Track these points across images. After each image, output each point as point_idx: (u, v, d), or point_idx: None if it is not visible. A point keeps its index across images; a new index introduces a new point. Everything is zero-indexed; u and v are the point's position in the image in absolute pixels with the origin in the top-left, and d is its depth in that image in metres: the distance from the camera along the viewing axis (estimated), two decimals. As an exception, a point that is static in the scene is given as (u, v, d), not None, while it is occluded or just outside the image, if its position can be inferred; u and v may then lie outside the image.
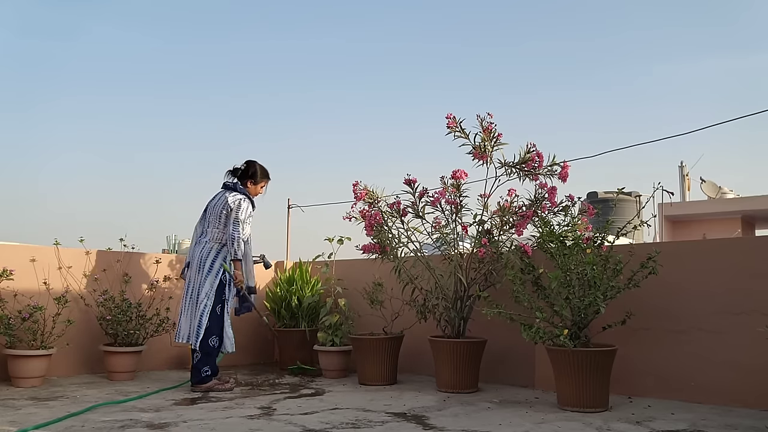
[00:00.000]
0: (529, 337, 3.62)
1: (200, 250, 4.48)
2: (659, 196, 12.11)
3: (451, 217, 4.42)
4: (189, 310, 4.42)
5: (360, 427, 3.13)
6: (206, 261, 4.43)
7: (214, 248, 4.47)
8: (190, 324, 4.39)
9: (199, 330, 4.29)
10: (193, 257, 4.51)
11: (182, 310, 4.46)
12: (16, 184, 26.18)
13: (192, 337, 4.33)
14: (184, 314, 4.43)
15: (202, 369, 4.32)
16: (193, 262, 4.50)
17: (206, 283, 4.39)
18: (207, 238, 4.50)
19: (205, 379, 4.31)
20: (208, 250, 4.47)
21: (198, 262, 4.46)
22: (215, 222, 4.50)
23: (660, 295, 3.90)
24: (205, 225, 4.57)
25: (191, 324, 4.37)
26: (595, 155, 6.57)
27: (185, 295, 4.49)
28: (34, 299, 4.46)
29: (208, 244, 4.48)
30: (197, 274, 4.43)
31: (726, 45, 25.80)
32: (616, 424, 3.21)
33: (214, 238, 4.49)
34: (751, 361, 3.58)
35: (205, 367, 4.33)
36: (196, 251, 4.50)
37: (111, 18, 24.99)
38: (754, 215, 13.76)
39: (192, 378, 4.34)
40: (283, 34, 26.00)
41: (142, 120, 28.25)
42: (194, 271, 4.45)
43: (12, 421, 3.18)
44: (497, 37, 25.81)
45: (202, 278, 4.40)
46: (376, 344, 4.57)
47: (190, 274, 4.50)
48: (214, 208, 4.53)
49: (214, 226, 4.50)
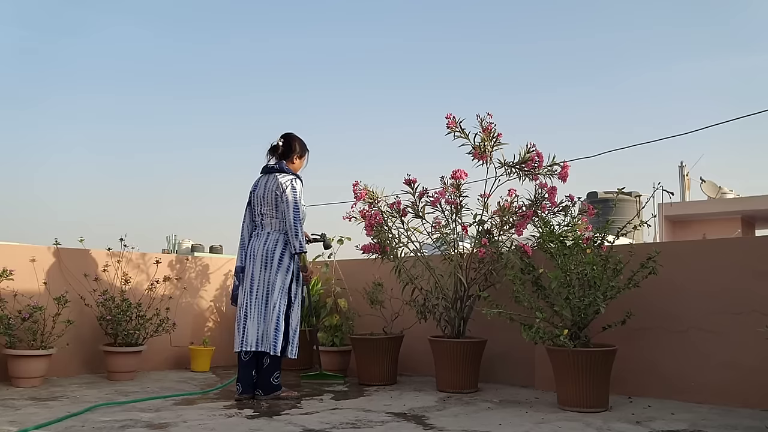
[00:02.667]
0: (529, 337, 3.62)
1: (263, 242, 3.99)
2: (659, 196, 12.12)
3: (451, 217, 4.42)
4: (258, 313, 3.93)
5: (360, 427, 3.13)
6: (274, 254, 3.95)
7: (280, 239, 4.00)
8: (260, 328, 3.91)
9: (277, 335, 3.85)
10: (256, 252, 4.00)
11: (248, 313, 3.95)
12: (15, 184, 26.18)
13: (268, 344, 3.87)
14: (251, 317, 3.92)
15: (273, 376, 3.93)
16: (256, 257, 3.99)
17: (278, 280, 3.93)
18: (267, 230, 4.03)
19: (276, 387, 3.94)
20: (273, 241, 3.98)
21: (263, 256, 3.96)
22: (271, 210, 4.02)
23: (660, 295, 3.90)
24: (259, 215, 4.09)
25: (264, 328, 3.90)
26: (595, 155, 6.58)
27: (250, 295, 3.97)
28: (34, 299, 4.46)
29: (272, 235, 4.00)
30: (264, 270, 3.95)
31: (726, 45, 25.80)
32: (616, 424, 3.21)
33: (276, 228, 4.03)
34: (751, 361, 3.58)
35: (276, 373, 3.94)
36: (257, 245, 4.01)
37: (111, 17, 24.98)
38: (754, 215, 13.76)
39: (263, 388, 3.91)
40: (283, 34, 26.00)
41: (142, 120, 28.25)
42: (259, 267, 3.96)
43: (12, 421, 3.18)
44: (497, 37, 25.81)
45: (272, 274, 3.94)
46: (376, 344, 4.57)
47: (253, 270, 3.98)
48: (266, 196, 4.04)
49: (272, 215, 4.03)
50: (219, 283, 5.83)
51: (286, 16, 25.34)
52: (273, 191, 4.02)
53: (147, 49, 27.33)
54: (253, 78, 28.49)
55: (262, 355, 3.94)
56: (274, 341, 3.85)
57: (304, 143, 4.27)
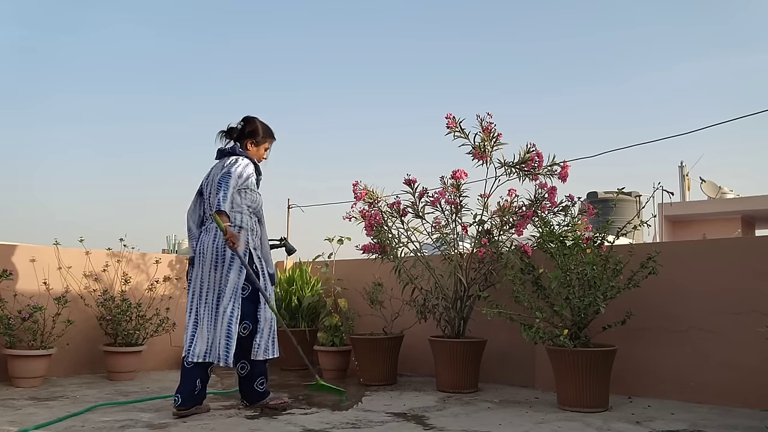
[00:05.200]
0: (529, 337, 3.62)
1: (212, 239, 3.45)
2: (659, 196, 12.14)
3: (451, 217, 4.42)
4: (208, 320, 3.41)
5: (360, 427, 3.13)
6: (225, 253, 3.42)
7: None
8: (209, 337, 3.39)
9: (229, 343, 3.33)
10: (205, 250, 3.44)
11: (198, 320, 3.43)
12: (14, 183, 26.18)
13: (216, 355, 3.36)
14: (200, 325, 3.41)
15: (257, 382, 3.54)
16: (206, 256, 3.44)
17: (230, 282, 3.40)
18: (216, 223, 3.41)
19: (263, 394, 3.56)
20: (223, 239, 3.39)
21: (213, 254, 3.43)
22: None
23: (660, 295, 3.90)
24: (207, 207, 3.59)
25: (214, 337, 3.39)
26: (595, 155, 6.59)
27: (199, 299, 3.46)
28: (34, 299, 4.46)
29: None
30: (215, 271, 3.43)
31: (726, 45, 25.81)
32: (616, 424, 3.21)
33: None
34: (751, 361, 3.58)
35: (260, 378, 3.54)
36: (206, 241, 3.46)
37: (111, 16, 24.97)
38: (754, 215, 13.76)
39: (248, 398, 3.57)
40: (283, 33, 26.00)
41: (142, 119, 28.25)
42: (209, 267, 3.44)
43: (12, 421, 3.18)
44: (497, 37, 25.81)
45: (223, 275, 3.42)
46: (376, 344, 4.57)
47: (202, 271, 3.46)
48: (213, 182, 3.53)
49: None
50: (219, 283, 5.82)
51: (285, 15, 25.32)
52: (217, 176, 3.50)
53: (147, 48, 27.32)
54: (253, 77, 28.48)
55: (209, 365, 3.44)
56: (225, 350, 3.33)
57: (270, 129, 3.77)
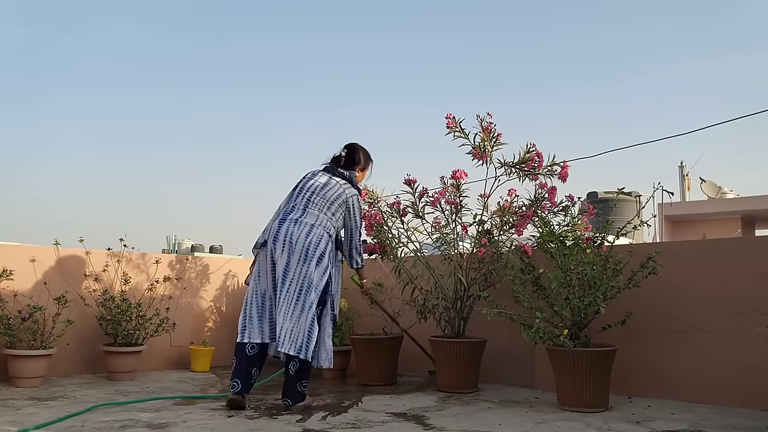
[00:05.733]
0: (529, 337, 3.62)
1: (305, 233, 3.54)
2: (659, 196, 12.13)
3: (451, 217, 4.42)
4: (287, 309, 3.47)
5: (360, 427, 3.13)
6: (316, 249, 3.53)
7: (324, 237, 3.60)
8: (287, 327, 3.44)
9: (310, 337, 3.43)
10: (294, 241, 3.52)
11: (277, 306, 3.50)
12: (13, 183, 26.18)
13: (298, 347, 3.43)
14: (280, 313, 3.46)
15: (300, 383, 3.55)
16: (294, 247, 3.51)
17: (315, 279, 3.49)
18: (314, 222, 3.60)
19: (303, 396, 3.58)
20: (318, 236, 3.56)
21: (303, 247, 3.51)
22: (326, 208, 3.66)
23: (660, 295, 3.90)
24: (307, 205, 3.66)
25: (293, 328, 3.44)
26: (595, 155, 6.59)
27: (282, 286, 3.50)
28: (34, 299, 4.46)
29: (317, 229, 3.58)
30: (303, 264, 3.49)
31: (726, 45, 25.80)
32: (616, 424, 3.21)
33: (323, 225, 3.62)
34: (751, 361, 3.58)
35: (304, 380, 3.56)
36: (295, 233, 3.54)
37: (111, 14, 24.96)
38: (754, 215, 13.76)
39: (291, 396, 3.55)
40: (282, 33, 25.99)
41: (142, 118, 28.24)
42: (297, 259, 3.49)
43: (12, 421, 3.18)
44: (497, 37, 25.80)
45: (310, 270, 3.49)
46: (376, 344, 4.57)
47: (289, 260, 3.50)
48: (326, 194, 3.69)
49: (324, 212, 3.65)
50: (219, 283, 5.83)
51: (286, 15, 25.33)
52: (338, 194, 3.71)
53: (147, 47, 27.34)
54: (253, 77, 28.48)
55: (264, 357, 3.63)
56: (306, 344, 3.42)
57: (369, 154, 4.00)
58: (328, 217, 3.66)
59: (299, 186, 3.79)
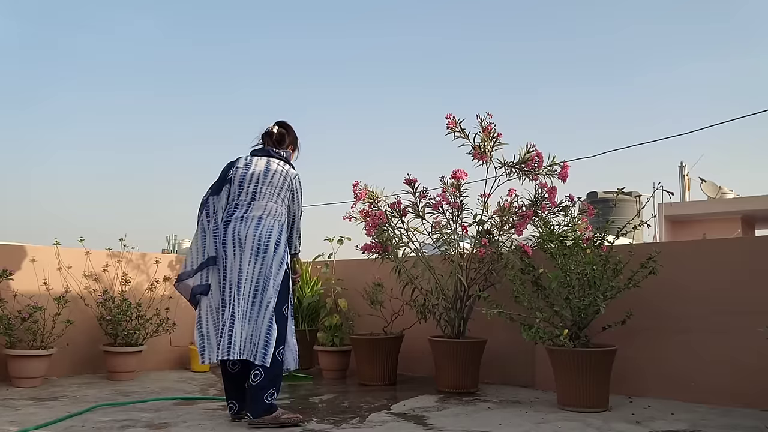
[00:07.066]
0: (529, 337, 3.62)
1: (252, 227, 3.23)
2: (659, 196, 12.14)
3: (452, 218, 4.42)
4: (243, 312, 3.15)
5: (360, 428, 3.13)
6: (268, 240, 3.22)
7: (275, 226, 3.28)
8: (245, 332, 3.12)
9: (269, 340, 3.09)
10: (243, 239, 3.21)
11: (235, 312, 3.12)
12: (13, 183, 26.19)
13: (254, 352, 3.10)
14: (238, 318, 3.12)
15: (267, 394, 3.08)
16: (245, 245, 3.20)
17: (271, 274, 3.18)
18: (261, 213, 3.27)
19: (271, 407, 3.09)
20: (268, 227, 3.25)
21: (254, 242, 3.20)
22: (272, 195, 3.32)
23: (660, 295, 3.90)
24: (253, 198, 3.31)
25: (251, 332, 3.13)
26: (595, 155, 6.59)
27: (237, 290, 3.17)
28: (34, 299, 4.46)
29: (265, 221, 3.26)
30: (255, 262, 3.19)
31: (726, 44, 25.81)
32: (616, 424, 3.21)
33: (272, 214, 3.30)
34: (751, 361, 3.58)
35: (271, 389, 3.10)
36: (242, 230, 3.22)
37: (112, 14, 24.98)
38: (754, 215, 13.76)
39: (252, 409, 3.08)
40: (282, 33, 26.00)
41: (142, 118, 28.25)
42: (249, 257, 3.19)
43: (12, 421, 3.18)
44: (497, 36, 25.81)
45: (265, 267, 3.19)
46: (376, 344, 4.57)
47: (241, 261, 3.19)
48: (272, 180, 3.35)
49: (271, 199, 3.32)
50: (219, 283, 5.82)
51: (286, 15, 25.35)
52: (281, 175, 3.38)
53: (149, 46, 27.35)
54: (254, 76, 28.50)
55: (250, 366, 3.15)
56: (264, 348, 3.08)
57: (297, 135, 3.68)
58: (278, 204, 3.34)
59: (236, 178, 3.37)
